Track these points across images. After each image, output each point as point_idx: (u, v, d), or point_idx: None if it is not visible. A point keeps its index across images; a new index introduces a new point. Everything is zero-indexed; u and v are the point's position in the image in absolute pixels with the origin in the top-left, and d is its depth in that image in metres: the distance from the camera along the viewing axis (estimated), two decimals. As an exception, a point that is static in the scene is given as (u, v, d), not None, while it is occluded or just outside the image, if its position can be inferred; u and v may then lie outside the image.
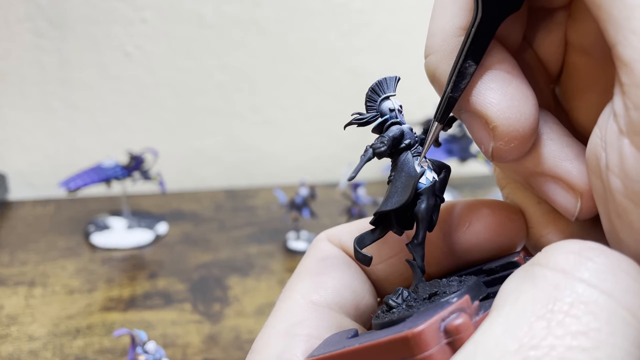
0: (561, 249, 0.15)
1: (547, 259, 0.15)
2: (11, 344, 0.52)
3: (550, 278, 0.14)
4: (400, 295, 0.19)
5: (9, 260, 0.66)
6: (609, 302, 0.14)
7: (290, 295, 0.21)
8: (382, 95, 0.20)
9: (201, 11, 0.84)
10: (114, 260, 0.67)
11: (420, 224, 0.19)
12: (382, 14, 0.90)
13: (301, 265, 0.22)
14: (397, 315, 0.18)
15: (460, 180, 0.93)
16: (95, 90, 0.85)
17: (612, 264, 0.14)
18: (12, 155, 0.85)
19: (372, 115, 0.20)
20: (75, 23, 0.81)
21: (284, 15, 0.87)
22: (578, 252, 0.15)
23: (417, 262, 0.19)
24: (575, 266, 0.14)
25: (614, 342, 0.13)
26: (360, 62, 0.92)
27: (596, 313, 0.13)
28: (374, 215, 0.20)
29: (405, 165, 0.19)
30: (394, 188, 0.19)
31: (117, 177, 0.71)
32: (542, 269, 0.15)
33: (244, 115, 0.91)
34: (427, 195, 0.19)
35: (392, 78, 0.20)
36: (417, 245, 0.19)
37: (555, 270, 0.14)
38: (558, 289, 0.14)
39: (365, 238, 0.20)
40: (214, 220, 0.79)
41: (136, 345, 0.43)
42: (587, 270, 0.14)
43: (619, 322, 0.13)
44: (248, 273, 0.66)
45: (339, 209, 0.80)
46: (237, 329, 0.56)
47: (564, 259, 0.15)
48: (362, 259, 0.19)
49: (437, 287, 0.19)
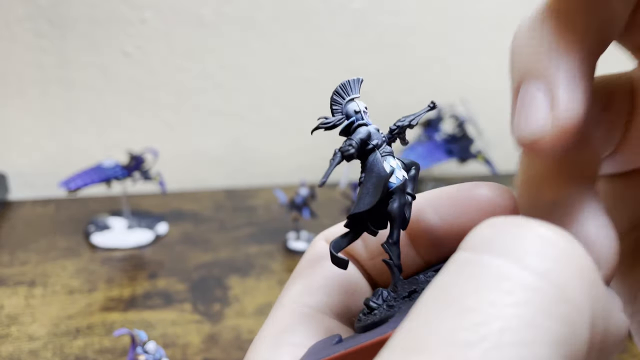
0: (478, 227, 0.14)
1: (464, 240, 0.14)
2: (11, 344, 0.52)
3: (458, 258, 0.13)
4: (380, 296, 0.19)
5: (9, 260, 0.66)
6: (513, 271, 0.12)
7: (281, 301, 0.21)
8: (346, 97, 0.20)
9: (201, 11, 0.84)
10: (114, 260, 0.67)
11: (394, 222, 0.19)
12: (382, 14, 0.90)
13: (296, 268, 0.22)
14: (379, 317, 0.18)
15: (460, 180, 0.93)
16: (95, 90, 0.85)
17: (530, 232, 0.13)
18: (12, 155, 0.85)
19: (338, 118, 0.20)
20: (75, 23, 0.81)
21: (284, 15, 0.87)
22: (494, 225, 0.13)
23: (394, 260, 0.19)
24: (486, 240, 0.13)
25: (511, 314, 0.12)
26: (360, 62, 0.92)
27: (492, 285, 0.12)
28: (347, 218, 0.20)
29: (374, 166, 0.19)
30: (365, 189, 0.19)
31: (117, 177, 0.71)
32: (457, 252, 0.13)
33: (244, 115, 0.91)
34: (398, 194, 0.19)
35: (355, 80, 0.20)
36: (392, 244, 0.19)
37: (466, 249, 0.13)
38: (459, 268, 0.13)
39: (340, 241, 0.20)
40: (214, 220, 0.79)
41: (136, 345, 0.43)
42: (497, 241, 0.13)
43: (521, 291, 0.12)
44: (248, 273, 0.66)
45: (339, 209, 0.80)
46: (237, 329, 0.56)
47: (477, 236, 0.13)
48: (339, 263, 0.19)
49: (415, 285, 0.19)
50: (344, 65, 0.92)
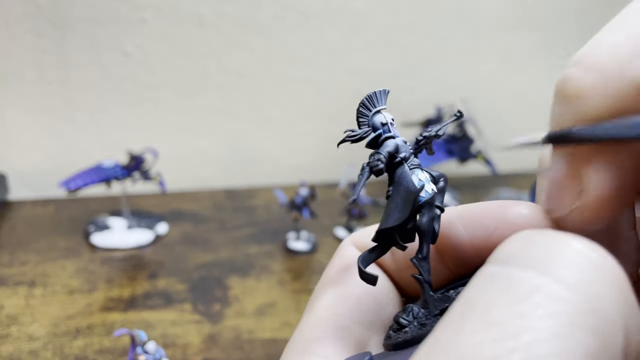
0: (507, 240, 0.14)
1: (493, 254, 0.13)
2: (11, 344, 0.52)
3: (486, 272, 0.13)
4: (411, 313, 0.19)
5: (9, 260, 0.66)
6: (543, 283, 0.12)
7: (313, 308, 0.20)
8: (373, 109, 0.20)
9: (201, 11, 0.84)
10: (114, 260, 0.67)
11: (423, 237, 0.19)
12: (382, 14, 0.90)
13: (325, 274, 0.21)
14: (411, 335, 0.17)
15: (460, 180, 0.93)
16: (95, 90, 0.85)
17: (559, 244, 0.13)
18: (12, 155, 0.85)
19: (364, 130, 0.20)
20: (75, 23, 0.81)
21: (284, 15, 0.87)
22: (523, 238, 0.13)
23: (424, 276, 0.19)
24: (515, 253, 0.13)
25: (540, 327, 0.11)
26: (360, 62, 0.92)
27: (522, 298, 0.12)
28: (375, 233, 0.19)
29: (403, 179, 0.19)
30: (394, 204, 0.19)
31: (117, 177, 0.71)
32: (485, 266, 0.13)
33: (244, 115, 0.91)
34: (427, 207, 0.19)
35: (381, 91, 0.20)
36: (422, 259, 0.19)
37: (494, 262, 0.13)
38: (488, 281, 0.13)
39: (368, 256, 0.19)
40: (214, 220, 0.79)
41: (136, 345, 0.43)
42: (526, 254, 0.13)
43: (551, 303, 0.12)
44: (248, 273, 0.66)
45: (339, 209, 0.80)
46: (237, 329, 0.56)
47: (506, 249, 0.13)
48: (367, 279, 0.19)
49: (447, 302, 0.18)
50: (344, 65, 0.92)
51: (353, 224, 0.76)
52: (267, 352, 0.52)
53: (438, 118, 0.87)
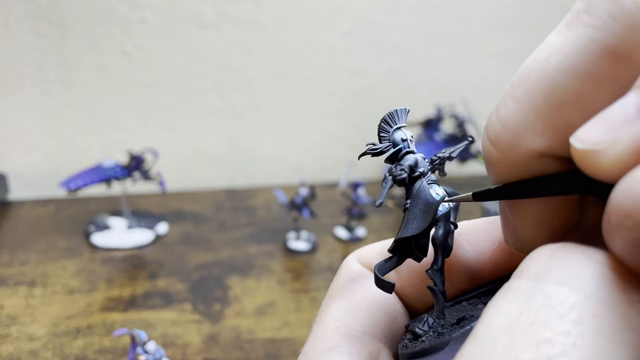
0: (534, 254, 0.14)
1: (521, 268, 0.14)
2: (11, 344, 0.52)
3: (522, 287, 0.14)
4: (426, 322, 0.19)
5: (9, 260, 0.66)
6: (580, 300, 0.13)
7: (324, 319, 0.21)
8: (394, 126, 0.21)
9: (201, 11, 0.84)
10: (114, 260, 0.67)
11: (438, 249, 0.20)
12: (382, 14, 0.90)
13: (333, 286, 0.22)
14: (429, 344, 0.18)
15: (461, 180, 0.93)
16: (95, 90, 0.85)
17: (587, 259, 0.13)
18: (12, 155, 0.85)
19: (385, 145, 0.21)
20: (75, 23, 0.81)
21: (284, 15, 0.87)
22: (550, 254, 0.14)
23: (439, 287, 0.20)
24: (546, 268, 0.14)
25: (584, 343, 0.12)
26: (360, 62, 0.92)
27: (563, 315, 0.12)
28: (393, 243, 0.20)
29: (421, 193, 0.20)
30: (412, 215, 0.20)
31: (117, 177, 0.71)
32: (516, 280, 0.14)
33: (244, 115, 0.91)
34: (443, 221, 0.20)
35: (402, 110, 0.21)
36: (437, 271, 0.20)
37: (528, 278, 0.14)
38: (527, 297, 0.13)
39: (384, 265, 0.20)
40: (214, 220, 0.79)
41: (136, 345, 0.43)
42: (558, 270, 0.13)
43: (590, 320, 0.12)
44: (248, 273, 0.66)
45: (339, 209, 0.80)
46: (237, 329, 0.56)
47: (536, 264, 0.14)
48: (383, 286, 0.19)
49: (463, 312, 0.19)
50: (344, 65, 0.92)
51: (353, 223, 0.76)
52: (267, 352, 0.52)
53: (438, 118, 0.87)
